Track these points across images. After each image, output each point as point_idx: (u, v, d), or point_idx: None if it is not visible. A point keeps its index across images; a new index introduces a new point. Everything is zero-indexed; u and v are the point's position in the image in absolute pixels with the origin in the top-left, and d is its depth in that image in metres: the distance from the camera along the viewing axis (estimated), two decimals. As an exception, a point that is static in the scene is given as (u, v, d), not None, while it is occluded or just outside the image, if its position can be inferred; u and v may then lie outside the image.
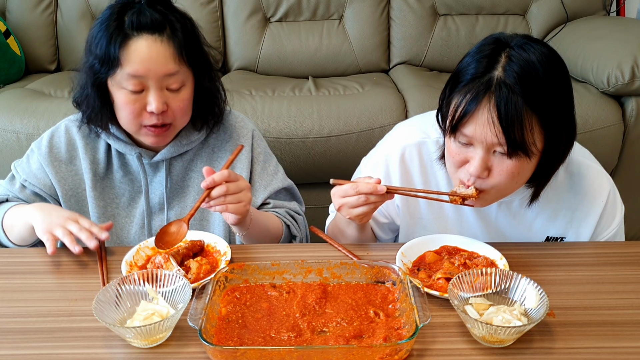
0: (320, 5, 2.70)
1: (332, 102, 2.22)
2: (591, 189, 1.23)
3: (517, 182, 1.11)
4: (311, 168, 2.17)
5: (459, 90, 1.06)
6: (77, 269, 1.13)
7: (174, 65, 1.19)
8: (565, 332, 0.93)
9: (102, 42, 1.17)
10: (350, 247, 1.20)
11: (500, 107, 1.00)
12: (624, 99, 2.18)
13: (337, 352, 0.85)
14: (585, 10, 2.71)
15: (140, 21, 1.17)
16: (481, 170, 1.07)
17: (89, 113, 1.26)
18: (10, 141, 2.11)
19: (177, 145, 1.33)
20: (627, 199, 1.42)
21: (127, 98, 1.19)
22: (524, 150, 1.03)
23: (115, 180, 1.35)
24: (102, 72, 1.19)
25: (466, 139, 1.06)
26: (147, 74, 1.17)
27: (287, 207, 1.40)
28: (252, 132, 1.41)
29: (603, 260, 1.15)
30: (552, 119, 1.03)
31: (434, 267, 1.10)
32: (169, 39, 1.18)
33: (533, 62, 1.02)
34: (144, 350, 0.90)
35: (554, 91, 1.03)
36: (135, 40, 1.16)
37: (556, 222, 1.26)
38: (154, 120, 1.21)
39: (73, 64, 2.73)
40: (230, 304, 0.99)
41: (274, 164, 1.44)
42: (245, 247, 1.22)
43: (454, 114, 1.06)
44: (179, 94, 1.22)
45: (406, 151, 1.27)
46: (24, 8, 2.66)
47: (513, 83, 1.01)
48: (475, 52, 1.08)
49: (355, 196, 1.10)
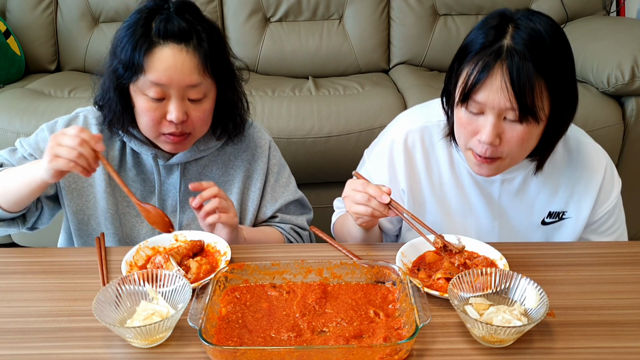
0: (320, 5, 2.70)
1: (332, 102, 2.22)
2: (589, 164, 1.27)
3: (526, 148, 1.14)
4: (311, 168, 2.17)
5: (469, 60, 1.10)
6: (77, 269, 1.13)
7: (197, 77, 1.18)
8: (565, 332, 0.93)
9: (127, 47, 1.16)
10: (350, 247, 1.20)
11: (513, 72, 1.05)
12: (624, 99, 2.19)
13: (337, 352, 0.85)
14: (585, 10, 2.72)
15: (168, 29, 1.15)
16: (493, 137, 1.10)
17: (111, 117, 1.25)
18: (10, 141, 2.10)
19: (194, 150, 1.32)
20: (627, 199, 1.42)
21: (148, 105, 1.18)
22: (533, 115, 1.07)
23: (127, 179, 1.34)
24: (126, 77, 1.18)
25: (478, 106, 1.10)
26: (169, 83, 1.16)
27: (293, 223, 1.40)
28: (269, 143, 1.42)
29: (603, 260, 1.15)
30: (558, 85, 1.08)
31: (434, 267, 1.10)
32: (195, 50, 1.17)
33: (540, 30, 1.06)
34: (144, 350, 0.90)
35: (560, 58, 1.08)
36: (161, 48, 1.15)
37: (557, 197, 1.29)
38: (172, 129, 1.20)
39: (73, 64, 2.74)
40: (230, 304, 0.99)
41: (287, 175, 1.44)
42: (245, 247, 1.22)
43: (466, 82, 1.09)
44: (200, 105, 1.21)
45: (409, 136, 1.30)
46: (24, 8, 2.66)
47: (523, 50, 1.05)
48: (482, 25, 1.12)
49: (360, 193, 1.13)
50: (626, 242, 1.29)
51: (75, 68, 2.74)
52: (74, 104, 2.16)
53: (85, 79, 2.60)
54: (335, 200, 1.49)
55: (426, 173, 1.31)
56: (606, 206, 1.28)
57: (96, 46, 2.69)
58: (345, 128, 2.15)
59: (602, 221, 1.30)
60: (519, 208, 1.30)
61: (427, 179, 1.31)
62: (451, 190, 1.31)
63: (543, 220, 1.30)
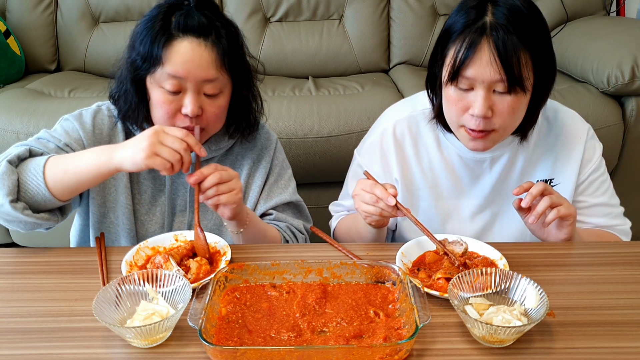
0: (320, 5, 2.70)
1: (332, 102, 2.22)
2: (569, 129, 1.33)
3: (517, 118, 1.19)
4: (311, 168, 2.17)
5: (453, 40, 1.15)
6: (77, 269, 1.13)
7: (214, 72, 1.18)
8: (565, 332, 0.93)
9: (146, 39, 1.17)
10: (350, 247, 1.20)
11: (499, 46, 1.10)
12: (624, 99, 2.19)
13: (337, 352, 0.85)
14: (585, 10, 2.72)
15: (187, 23, 1.16)
16: (486, 110, 1.14)
17: (126, 109, 1.25)
18: (10, 141, 2.10)
19: (206, 150, 1.32)
20: (627, 199, 1.43)
21: (163, 97, 1.19)
22: (521, 85, 1.12)
23: (139, 176, 1.34)
24: (143, 68, 1.18)
25: (467, 82, 1.14)
26: (186, 76, 1.16)
27: (290, 223, 1.40)
28: (275, 144, 1.43)
29: (603, 260, 1.15)
30: (540, 55, 1.14)
31: (434, 267, 1.10)
32: (213, 45, 1.18)
33: (517, 5, 1.13)
34: (144, 350, 0.90)
35: (539, 31, 1.15)
36: (180, 41, 1.16)
37: (543, 166, 1.34)
38: (187, 123, 1.21)
39: (73, 64, 2.74)
40: (230, 304, 0.99)
41: (287, 177, 1.44)
42: (246, 247, 1.22)
43: (455, 60, 1.13)
44: (215, 100, 1.22)
45: (397, 126, 1.35)
46: (24, 8, 2.66)
47: (506, 23, 1.10)
48: (460, 8, 1.18)
49: (369, 194, 1.16)
50: (626, 242, 1.29)
51: (75, 68, 2.74)
52: (74, 104, 2.16)
53: (85, 79, 2.60)
54: (331, 205, 1.49)
55: (416, 160, 1.35)
56: (591, 165, 1.33)
57: (96, 46, 2.69)
58: (345, 128, 2.15)
59: (591, 180, 1.34)
60: (509, 183, 1.34)
61: (417, 165, 1.35)
62: (442, 173, 1.35)
63: None
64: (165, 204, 1.35)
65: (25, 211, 1.12)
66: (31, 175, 1.12)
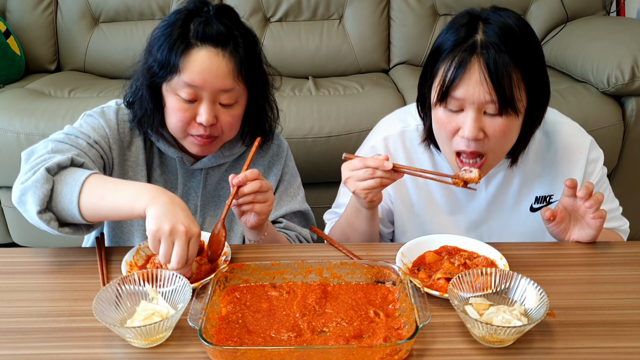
0: (320, 5, 2.70)
1: (332, 102, 2.22)
2: (569, 144, 1.29)
3: (508, 142, 1.16)
4: (311, 168, 2.17)
5: (443, 58, 1.11)
6: (77, 269, 1.13)
7: (231, 82, 1.18)
8: (565, 332, 0.93)
9: (164, 46, 1.17)
10: (350, 247, 1.20)
11: (490, 65, 1.06)
12: (624, 99, 2.19)
13: (337, 352, 0.85)
14: (585, 10, 2.72)
15: (206, 32, 1.16)
16: (476, 131, 1.10)
17: (141, 115, 1.25)
18: (10, 141, 2.11)
19: (219, 156, 1.33)
20: (627, 199, 1.43)
21: (179, 105, 1.19)
22: (512, 107, 1.08)
23: (152, 178, 1.34)
24: (160, 75, 1.18)
25: (457, 103, 1.10)
26: (203, 86, 1.16)
27: (298, 232, 1.40)
28: (287, 151, 1.42)
29: (603, 260, 1.15)
30: (533, 75, 1.10)
31: (434, 267, 1.10)
32: (231, 55, 1.17)
33: (509, 23, 1.09)
34: (144, 350, 0.90)
35: (532, 49, 1.11)
36: (198, 50, 1.16)
37: (541, 182, 1.30)
38: (201, 131, 1.21)
39: (73, 64, 2.74)
40: (231, 304, 0.99)
41: (297, 185, 1.44)
42: (246, 247, 1.22)
43: (444, 80, 1.10)
44: (230, 110, 1.22)
45: (390, 141, 1.32)
46: (24, 8, 2.66)
47: (497, 42, 1.07)
48: (451, 26, 1.14)
49: (362, 169, 1.12)
50: (626, 242, 1.29)
51: (75, 68, 2.74)
52: (74, 104, 2.16)
53: (85, 79, 2.60)
54: (326, 213, 1.47)
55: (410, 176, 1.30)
56: (593, 178, 1.30)
57: (96, 46, 2.69)
58: (345, 128, 2.15)
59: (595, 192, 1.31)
60: (506, 199, 1.32)
61: (412, 181, 1.33)
62: (437, 190, 1.32)
63: (531, 207, 1.32)
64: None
65: (52, 223, 1.09)
66: (67, 189, 1.08)
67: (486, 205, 1.32)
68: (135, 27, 2.69)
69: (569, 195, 1.15)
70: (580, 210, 1.17)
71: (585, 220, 1.17)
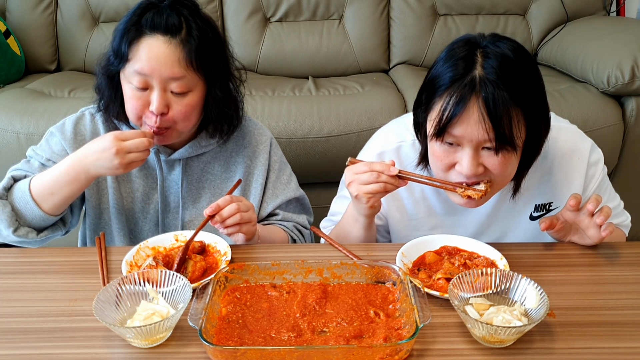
0: (320, 5, 2.70)
1: (332, 102, 2.22)
2: (569, 150, 1.27)
3: (508, 173, 1.13)
4: (311, 168, 2.17)
5: (440, 94, 1.08)
6: (77, 269, 1.13)
7: (179, 70, 1.19)
8: (566, 332, 0.93)
9: (118, 35, 1.21)
10: (351, 247, 1.20)
11: (489, 104, 1.03)
12: (624, 99, 2.19)
13: (337, 352, 0.85)
14: (585, 10, 2.71)
15: (155, 21, 1.18)
16: (474, 168, 1.08)
17: (104, 101, 1.29)
18: (10, 141, 2.11)
19: (195, 146, 1.33)
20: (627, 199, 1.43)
21: (132, 93, 1.21)
22: (511, 144, 1.06)
23: (131, 174, 1.35)
24: (114, 64, 1.22)
25: (454, 139, 1.08)
26: (151, 74, 1.18)
27: (295, 221, 1.41)
28: (270, 140, 1.42)
29: (603, 260, 1.15)
30: (533, 110, 1.07)
31: (434, 267, 1.10)
32: (181, 43, 1.18)
33: (508, 56, 1.05)
34: (144, 350, 0.90)
35: (531, 82, 1.07)
36: (147, 39, 1.18)
37: (540, 189, 1.28)
38: (153, 120, 1.22)
39: (73, 64, 2.73)
40: (231, 304, 0.99)
41: (288, 173, 1.45)
42: (246, 247, 1.22)
43: (441, 117, 1.07)
44: (182, 99, 1.22)
45: (385, 157, 1.28)
46: (24, 8, 2.66)
47: (496, 79, 1.03)
48: (448, 57, 1.10)
49: (367, 172, 1.12)
50: (626, 243, 1.29)
51: (75, 68, 2.74)
52: (74, 104, 2.16)
53: (85, 79, 2.60)
54: (323, 221, 1.45)
55: (408, 190, 1.30)
56: (595, 180, 1.29)
57: (96, 46, 2.68)
58: (345, 128, 2.14)
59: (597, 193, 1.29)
60: (505, 209, 1.30)
61: (409, 196, 1.31)
62: (435, 203, 1.31)
63: (531, 215, 1.31)
64: (158, 201, 1.35)
65: (30, 235, 1.22)
66: (22, 202, 1.20)
67: (486, 217, 1.30)
68: (135, 27, 2.69)
69: (572, 210, 1.14)
70: (583, 223, 1.16)
71: (587, 234, 1.16)
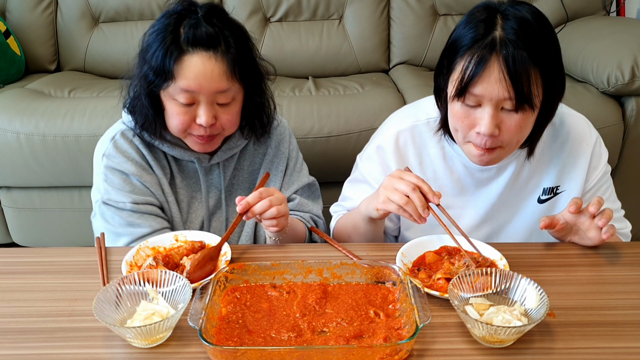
0: (320, 5, 2.70)
1: (332, 102, 2.22)
2: (576, 136, 1.31)
3: (524, 135, 1.17)
4: (311, 168, 2.14)
5: (461, 55, 1.12)
6: (77, 269, 1.13)
7: (226, 83, 1.20)
8: (566, 332, 0.93)
9: (158, 53, 1.18)
10: (351, 247, 1.20)
11: (509, 63, 1.06)
12: (624, 99, 2.18)
13: (337, 352, 0.85)
14: (585, 10, 2.71)
15: (196, 36, 1.17)
16: (493, 128, 1.11)
17: (143, 121, 1.27)
18: (10, 141, 2.11)
19: (230, 148, 1.37)
20: (627, 199, 1.43)
21: (178, 109, 1.21)
22: (529, 103, 1.10)
23: (176, 187, 1.37)
24: (157, 83, 1.20)
25: (475, 99, 1.11)
26: (199, 90, 1.18)
27: (311, 212, 1.44)
28: (288, 129, 1.47)
29: (603, 260, 1.15)
30: (550, 70, 1.10)
31: (434, 267, 1.10)
32: (223, 56, 1.19)
33: (527, 18, 1.09)
34: (144, 350, 0.90)
35: (549, 44, 1.11)
36: (190, 56, 1.17)
37: (549, 173, 1.31)
38: (202, 132, 1.23)
39: (73, 64, 2.74)
40: (231, 304, 0.99)
41: (301, 160, 1.50)
42: (246, 247, 1.22)
43: (462, 77, 1.10)
44: (228, 108, 1.24)
45: (400, 136, 1.32)
46: (24, 8, 2.66)
47: (516, 39, 1.07)
48: (468, 20, 1.14)
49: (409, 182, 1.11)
50: (626, 243, 1.29)
51: (75, 68, 2.74)
52: (74, 104, 2.16)
53: (85, 79, 2.60)
54: (333, 205, 1.49)
55: (420, 170, 1.33)
56: (597, 173, 1.31)
57: (96, 46, 2.69)
58: (345, 128, 2.14)
59: (597, 188, 1.33)
60: (515, 192, 1.32)
61: (421, 175, 1.32)
62: (447, 183, 1.33)
63: (539, 199, 1.33)
64: (201, 207, 1.38)
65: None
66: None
67: (497, 199, 1.32)
68: (135, 27, 2.68)
69: (573, 213, 1.15)
70: (584, 225, 1.17)
71: (588, 235, 1.17)
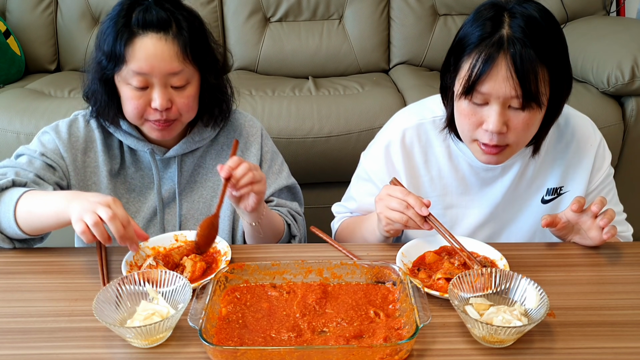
0: (320, 5, 2.70)
1: (332, 102, 2.22)
2: (580, 136, 1.31)
3: (531, 133, 1.17)
4: (311, 168, 2.17)
5: (468, 53, 1.12)
6: (77, 269, 1.13)
7: (178, 64, 1.20)
8: (566, 332, 0.93)
9: (109, 38, 1.20)
10: (351, 247, 1.20)
11: (517, 61, 1.07)
12: (624, 99, 2.19)
13: (337, 352, 0.85)
14: (585, 10, 2.71)
15: (146, 19, 1.19)
16: (500, 126, 1.11)
17: (98, 107, 1.28)
18: (10, 141, 2.10)
19: (189, 142, 1.35)
20: (627, 199, 1.43)
21: (132, 94, 1.21)
22: (537, 101, 1.10)
23: (127, 176, 1.36)
24: (109, 68, 1.21)
25: (482, 97, 1.11)
26: (151, 72, 1.19)
27: (289, 207, 1.42)
28: (261, 131, 1.44)
29: (603, 260, 1.15)
30: (557, 69, 1.11)
31: (434, 267, 1.10)
32: (175, 38, 1.20)
33: (535, 16, 1.09)
34: (144, 350, 0.90)
35: (556, 42, 1.11)
36: (141, 38, 1.18)
37: (553, 173, 1.31)
38: (158, 116, 1.23)
39: (73, 64, 2.73)
40: (231, 304, 0.99)
41: (280, 162, 1.46)
42: (246, 247, 1.22)
43: (470, 75, 1.10)
44: (183, 91, 1.24)
45: (406, 134, 1.32)
46: (24, 8, 2.66)
47: (523, 37, 1.07)
48: (475, 18, 1.14)
49: (398, 200, 1.13)
50: (626, 243, 1.29)
51: (75, 68, 2.74)
52: (74, 104, 2.16)
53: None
54: (335, 205, 1.49)
55: (425, 168, 1.33)
56: (601, 174, 1.32)
57: (96, 46, 2.69)
58: (345, 128, 2.14)
59: (600, 189, 1.33)
60: (519, 192, 1.32)
61: (426, 173, 1.33)
62: (452, 182, 1.33)
63: (542, 199, 1.33)
64: (152, 199, 1.36)
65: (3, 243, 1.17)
66: (4, 209, 1.14)
67: (501, 199, 1.32)
68: (135, 27, 2.69)
69: (576, 211, 1.15)
70: (585, 224, 1.17)
71: (589, 235, 1.17)
